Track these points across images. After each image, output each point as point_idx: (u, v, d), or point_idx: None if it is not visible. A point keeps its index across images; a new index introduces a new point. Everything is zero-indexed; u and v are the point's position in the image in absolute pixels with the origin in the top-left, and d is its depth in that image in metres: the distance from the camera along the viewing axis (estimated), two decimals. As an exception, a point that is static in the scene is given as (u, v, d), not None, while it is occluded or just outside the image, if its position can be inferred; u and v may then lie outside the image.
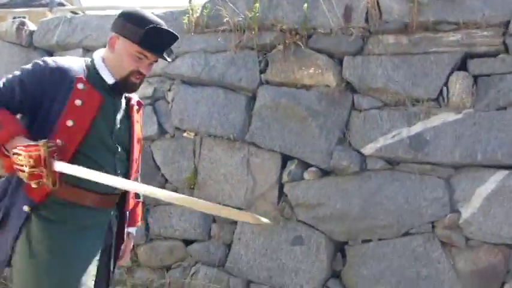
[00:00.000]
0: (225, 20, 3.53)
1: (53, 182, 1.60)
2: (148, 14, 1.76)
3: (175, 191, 3.69)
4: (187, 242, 3.63)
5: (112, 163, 1.77)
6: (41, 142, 1.57)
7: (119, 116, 1.81)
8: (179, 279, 3.58)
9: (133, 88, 1.80)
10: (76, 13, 5.81)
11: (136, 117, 1.91)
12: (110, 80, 1.76)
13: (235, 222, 3.50)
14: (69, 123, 1.66)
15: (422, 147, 2.97)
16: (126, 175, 1.83)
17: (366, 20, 3.21)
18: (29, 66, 1.73)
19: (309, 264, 3.23)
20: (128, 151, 1.85)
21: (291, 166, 3.36)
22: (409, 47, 3.05)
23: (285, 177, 3.36)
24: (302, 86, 3.36)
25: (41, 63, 1.71)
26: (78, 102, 1.68)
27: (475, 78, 2.90)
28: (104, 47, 1.83)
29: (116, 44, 1.75)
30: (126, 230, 1.95)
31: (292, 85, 3.39)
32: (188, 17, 3.70)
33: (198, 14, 3.71)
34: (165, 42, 1.76)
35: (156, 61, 1.79)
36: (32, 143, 1.59)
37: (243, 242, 3.46)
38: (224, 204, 3.53)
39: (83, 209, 1.73)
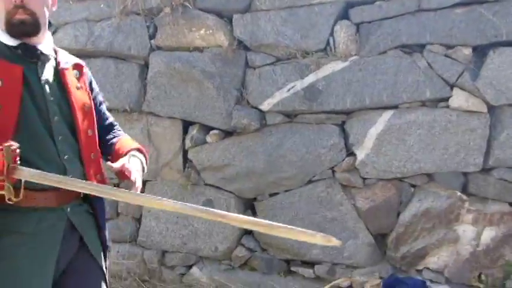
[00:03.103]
0: (105, -15, 3.33)
1: (15, 192, 1.36)
2: None
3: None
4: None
5: (51, 147, 1.49)
6: (4, 145, 1.32)
7: (48, 86, 1.52)
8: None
9: (24, 30, 1.48)
10: None
11: (75, 82, 1.61)
12: (11, 41, 1.49)
13: (142, 195, 3.42)
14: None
15: (316, 98, 3.08)
16: (78, 155, 1.56)
17: (250, -24, 3.21)
18: None
19: (221, 225, 3.26)
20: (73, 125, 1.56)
21: (193, 131, 3.32)
22: (294, 0, 3.11)
23: (188, 143, 3.32)
24: (194, 48, 3.30)
25: None
26: None
27: (357, 26, 3.04)
28: None
29: None
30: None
31: (185, 49, 3.31)
32: (64, -16, 3.43)
33: (74, -19, 3.45)
34: None
35: None
36: None
37: (153, 214, 3.40)
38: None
39: (27, 213, 1.46)
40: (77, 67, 1.66)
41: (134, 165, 1.61)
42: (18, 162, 1.35)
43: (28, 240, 1.46)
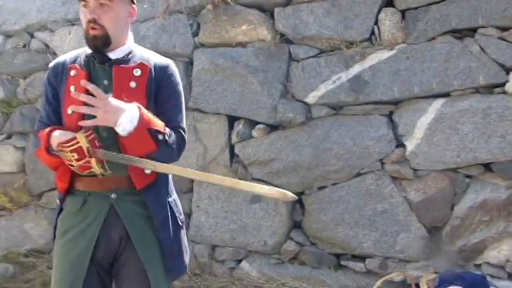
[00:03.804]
0: (148, -14, 3.39)
1: (103, 169, 1.62)
2: None
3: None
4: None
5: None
6: (78, 134, 1.58)
7: (102, 87, 1.67)
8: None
9: (94, 43, 1.67)
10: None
11: (127, 81, 1.70)
12: (88, 51, 1.73)
13: (190, 190, 3.48)
14: (69, 111, 1.65)
15: (362, 88, 3.00)
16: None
17: (291, -32, 3.16)
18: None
19: (270, 219, 3.28)
20: None
21: (239, 126, 3.34)
22: (336, -10, 3.03)
23: (234, 138, 3.35)
24: (237, 44, 3.30)
25: (48, 69, 1.81)
26: (72, 88, 1.68)
27: (403, 12, 2.93)
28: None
29: None
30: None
31: (228, 45, 3.33)
32: (109, -13, 3.52)
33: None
34: None
35: (101, 4, 1.64)
36: (70, 136, 1.59)
37: (202, 209, 3.45)
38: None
39: (76, 196, 1.73)
40: (140, 66, 1.73)
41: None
42: (98, 144, 1.61)
43: (75, 217, 1.72)
